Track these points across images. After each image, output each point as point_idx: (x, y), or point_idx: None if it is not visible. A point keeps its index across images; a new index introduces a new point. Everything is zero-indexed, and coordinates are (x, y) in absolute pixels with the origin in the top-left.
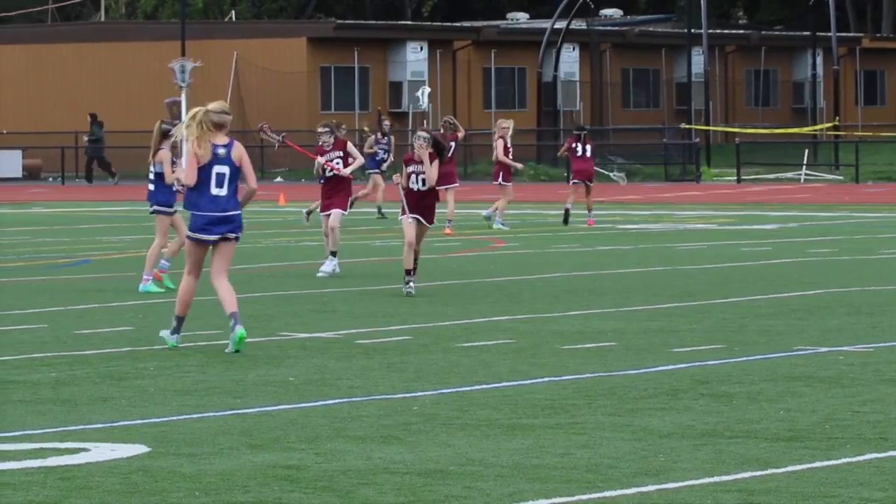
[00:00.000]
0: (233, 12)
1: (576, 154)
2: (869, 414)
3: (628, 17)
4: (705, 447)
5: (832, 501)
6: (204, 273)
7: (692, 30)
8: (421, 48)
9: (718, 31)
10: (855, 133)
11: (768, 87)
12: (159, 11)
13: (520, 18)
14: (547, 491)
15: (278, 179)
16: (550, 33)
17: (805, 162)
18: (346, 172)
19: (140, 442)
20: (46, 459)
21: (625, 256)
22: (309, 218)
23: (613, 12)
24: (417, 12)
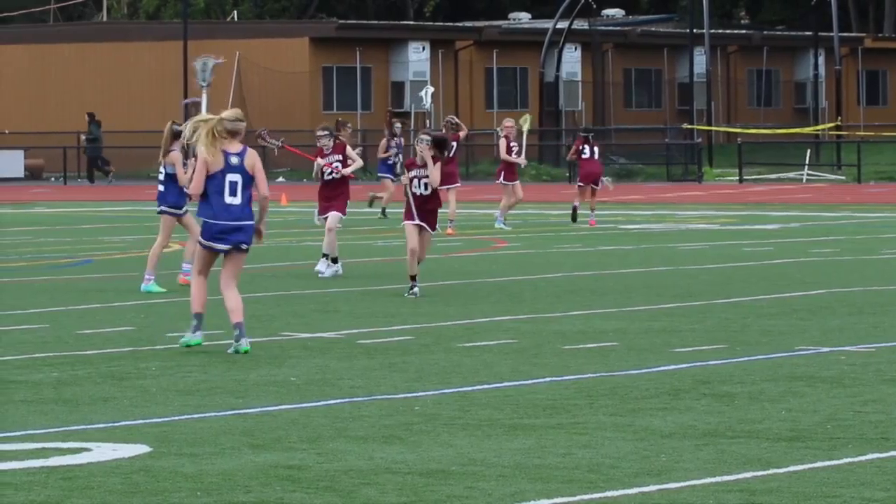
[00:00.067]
0: (235, 12)
1: (584, 156)
2: (871, 414)
3: (630, 17)
4: (707, 447)
5: (834, 501)
6: (210, 274)
7: (694, 30)
8: (423, 48)
9: (720, 31)
10: (857, 133)
11: (770, 87)
12: (161, 11)
13: (522, 18)
14: (549, 491)
15: (280, 179)
16: (552, 33)
17: (807, 162)
18: (347, 172)
19: (142, 442)
20: (48, 459)
21: (627, 256)
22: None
23: (615, 12)
24: (419, 12)
